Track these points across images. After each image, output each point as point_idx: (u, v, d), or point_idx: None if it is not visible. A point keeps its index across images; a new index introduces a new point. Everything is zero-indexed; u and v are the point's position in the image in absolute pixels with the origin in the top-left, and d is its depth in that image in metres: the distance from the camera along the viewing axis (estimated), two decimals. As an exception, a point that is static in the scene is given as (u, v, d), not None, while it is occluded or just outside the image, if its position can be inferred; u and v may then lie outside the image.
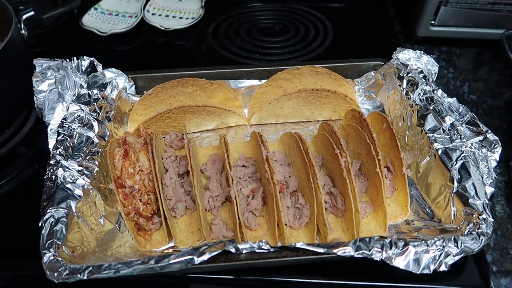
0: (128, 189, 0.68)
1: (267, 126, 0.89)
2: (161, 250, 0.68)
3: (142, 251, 0.66)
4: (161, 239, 0.69)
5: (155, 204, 0.69)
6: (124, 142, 0.73)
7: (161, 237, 0.69)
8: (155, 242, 0.68)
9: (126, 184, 0.68)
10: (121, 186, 0.68)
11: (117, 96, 0.84)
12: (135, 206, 0.67)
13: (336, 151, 0.69)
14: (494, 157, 0.69)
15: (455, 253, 0.58)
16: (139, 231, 0.68)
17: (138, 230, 0.69)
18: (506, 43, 0.90)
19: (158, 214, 0.69)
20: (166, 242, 0.68)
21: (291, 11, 1.22)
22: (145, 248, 0.67)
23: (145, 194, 0.69)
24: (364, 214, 0.71)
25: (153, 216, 0.69)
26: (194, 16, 1.15)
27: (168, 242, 0.68)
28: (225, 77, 0.89)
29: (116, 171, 0.69)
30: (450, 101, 0.78)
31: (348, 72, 0.90)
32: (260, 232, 0.71)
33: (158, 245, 0.68)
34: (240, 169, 0.77)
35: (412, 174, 0.76)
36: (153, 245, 0.68)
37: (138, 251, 0.66)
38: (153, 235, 0.69)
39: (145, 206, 0.68)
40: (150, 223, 0.69)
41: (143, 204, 0.68)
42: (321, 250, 0.57)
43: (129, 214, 0.67)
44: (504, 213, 0.76)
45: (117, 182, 0.68)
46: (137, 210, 0.67)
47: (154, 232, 0.70)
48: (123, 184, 0.68)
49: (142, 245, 0.67)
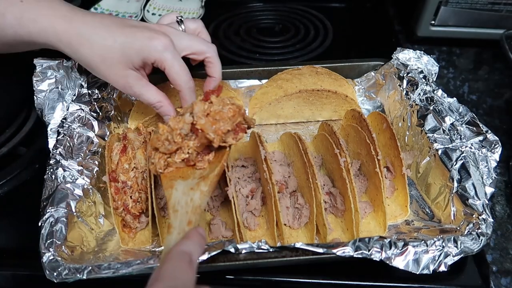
0: (121, 184, 0.69)
1: (267, 126, 0.89)
2: (147, 249, 0.68)
3: (124, 247, 0.67)
4: (144, 239, 0.69)
5: (145, 203, 0.70)
6: (124, 138, 0.74)
7: (145, 238, 0.69)
8: (139, 241, 0.69)
9: (120, 179, 0.69)
10: (115, 180, 0.69)
11: (117, 96, 0.84)
12: (124, 202, 0.68)
13: (336, 151, 0.69)
14: (494, 157, 0.69)
15: (455, 253, 0.58)
16: (124, 228, 0.69)
17: (123, 227, 0.69)
18: (506, 43, 0.90)
19: (146, 214, 0.70)
20: (149, 243, 0.68)
21: (291, 11, 1.22)
22: (127, 245, 0.68)
23: (136, 192, 0.70)
24: (364, 214, 0.71)
25: (140, 215, 0.70)
26: (194, 16, 1.15)
27: (151, 243, 0.68)
28: (225, 77, 0.89)
29: (112, 164, 0.70)
30: (450, 101, 0.78)
31: (348, 72, 0.90)
32: (259, 232, 0.71)
33: (141, 244, 0.68)
34: (240, 169, 0.77)
35: (412, 174, 0.76)
36: (136, 244, 0.68)
37: (121, 247, 0.67)
38: (137, 234, 0.69)
39: (135, 203, 0.69)
40: (137, 222, 0.69)
41: (133, 201, 0.69)
42: (320, 250, 0.57)
43: (118, 209, 0.68)
44: (504, 213, 0.76)
45: (111, 175, 0.69)
46: (126, 206, 0.68)
47: (139, 231, 0.70)
48: (116, 178, 0.69)
49: (125, 242, 0.68)
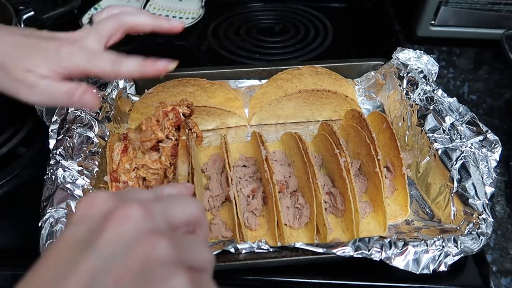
0: (122, 184, 0.69)
1: (268, 126, 0.89)
2: None
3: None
4: None
5: None
6: (125, 138, 0.74)
7: None
8: None
9: (121, 179, 0.69)
10: (116, 180, 0.69)
11: (117, 96, 0.84)
12: None
13: (336, 151, 0.69)
14: (494, 157, 0.69)
15: (455, 253, 0.58)
16: None
17: None
18: (506, 43, 0.90)
19: None
20: None
21: (291, 11, 1.22)
22: None
23: None
24: (364, 214, 0.71)
25: None
26: (194, 16, 1.15)
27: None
28: (225, 77, 0.89)
29: (113, 164, 0.70)
30: (450, 101, 0.78)
31: (348, 72, 0.90)
32: (260, 232, 0.71)
33: None
34: (241, 169, 0.77)
35: (412, 174, 0.76)
36: None
37: None
38: None
39: None
40: None
41: None
42: (320, 250, 0.57)
43: None
44: (504, 213, 0.76)
45: (112, 175, 0.69)
46: None
47: None
48: (117, 179, 0.69)
49: None
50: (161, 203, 0.36)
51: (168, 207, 0.36)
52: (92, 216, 0.34)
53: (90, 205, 0.35)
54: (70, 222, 0.35)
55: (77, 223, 0.34)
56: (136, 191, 0.39)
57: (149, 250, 0.30)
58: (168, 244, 0.31)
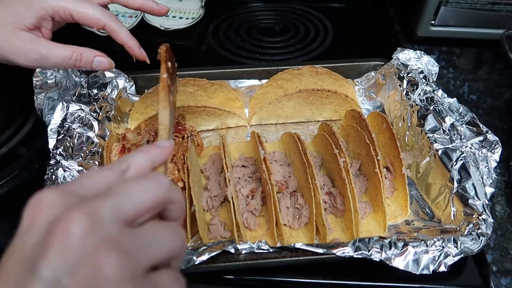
0: None
1: (268, 126, 0.89)
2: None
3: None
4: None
5: None
6: (124, 138, 0.73)
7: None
8: None
9: None
10: None
11: (117, 96, 0.84)
12: None
13: (335, 151, 0.69)
14: (494, 158, 0.69)
15: (455, 253, 0.58)
16: None
17: None
18: (506, 43, 0.90)
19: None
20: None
21: (291, 11, 1.22)
22: None
23: None
24: (364, 214, 0.71)
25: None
26: (194, 16, 1.15)
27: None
28: (225, 77, 0.89)
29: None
30: (450, 101, 0.77)
31: (348, 72, 0.90)
32: (259, 232, 0.71)
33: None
34: (240, 169, 0.77)
35: (412, 175, 0.76)
36: None
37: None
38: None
39: None
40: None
41: None
42: (320, 251, 0.57)
43: None
44: (504, 213, 0.76)
45: None
46: None
47: None
48: None
49: None
50: (116, 196, 0.33)
51: (124, 198, 0.33)
52: (38, 225, 0.32)
53: (37, 210, 0.33)
54: (18, 231, 0.33)
55: (24, 233, 0.33)
56: (91, 177, 0.36)
57: (94, 271, 0.29)
58: (115, 258, 0.29)
